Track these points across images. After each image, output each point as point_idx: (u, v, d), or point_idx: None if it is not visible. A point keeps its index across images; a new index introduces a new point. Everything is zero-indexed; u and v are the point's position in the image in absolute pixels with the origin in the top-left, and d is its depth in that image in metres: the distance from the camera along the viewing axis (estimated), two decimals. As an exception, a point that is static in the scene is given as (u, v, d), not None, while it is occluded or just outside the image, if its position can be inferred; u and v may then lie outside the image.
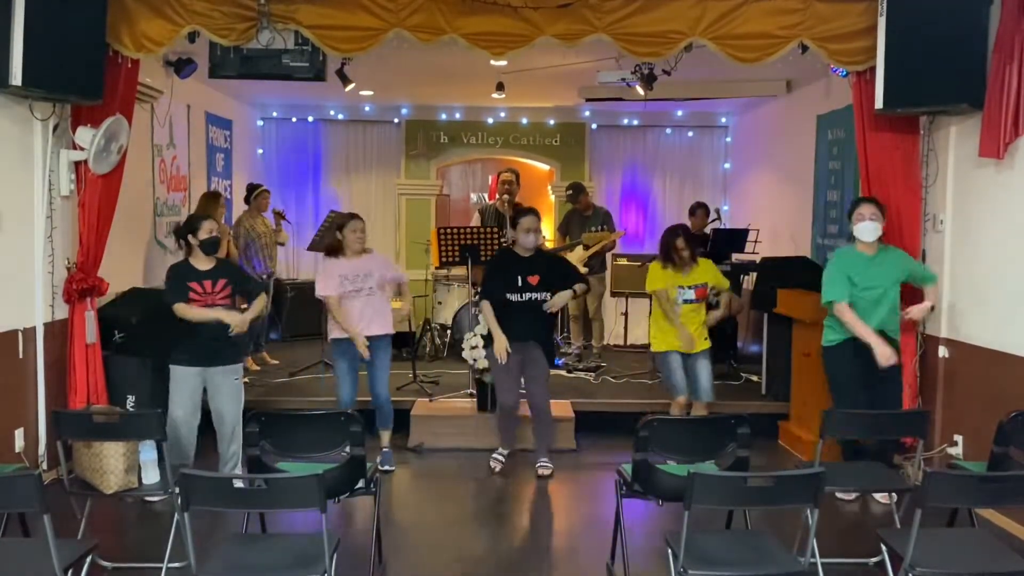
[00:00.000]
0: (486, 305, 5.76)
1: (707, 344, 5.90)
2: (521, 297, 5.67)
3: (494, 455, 6.00)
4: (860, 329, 4.97)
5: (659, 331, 5.90)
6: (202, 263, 5.19)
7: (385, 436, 6.03)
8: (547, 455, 5.91)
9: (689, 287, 5.82)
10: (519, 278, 5.67)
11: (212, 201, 7.47)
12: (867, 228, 5.07)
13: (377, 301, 5.82)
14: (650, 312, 6.23)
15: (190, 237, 5.19)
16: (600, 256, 8.39)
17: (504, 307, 5.71)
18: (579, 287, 5.80)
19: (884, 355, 4.91)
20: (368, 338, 5.72)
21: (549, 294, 5.68)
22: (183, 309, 5.09)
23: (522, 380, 5.86)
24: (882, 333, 4.99)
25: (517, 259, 5.76)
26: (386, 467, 5.89)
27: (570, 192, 8.67)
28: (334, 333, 5.84)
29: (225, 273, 5.24)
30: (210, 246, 5.19)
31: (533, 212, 5.80)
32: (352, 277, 5.74)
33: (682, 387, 5.84)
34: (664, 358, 5.88)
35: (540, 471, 5.82)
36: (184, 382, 5.11)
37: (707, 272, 5.90)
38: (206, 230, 5.17)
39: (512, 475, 5.89)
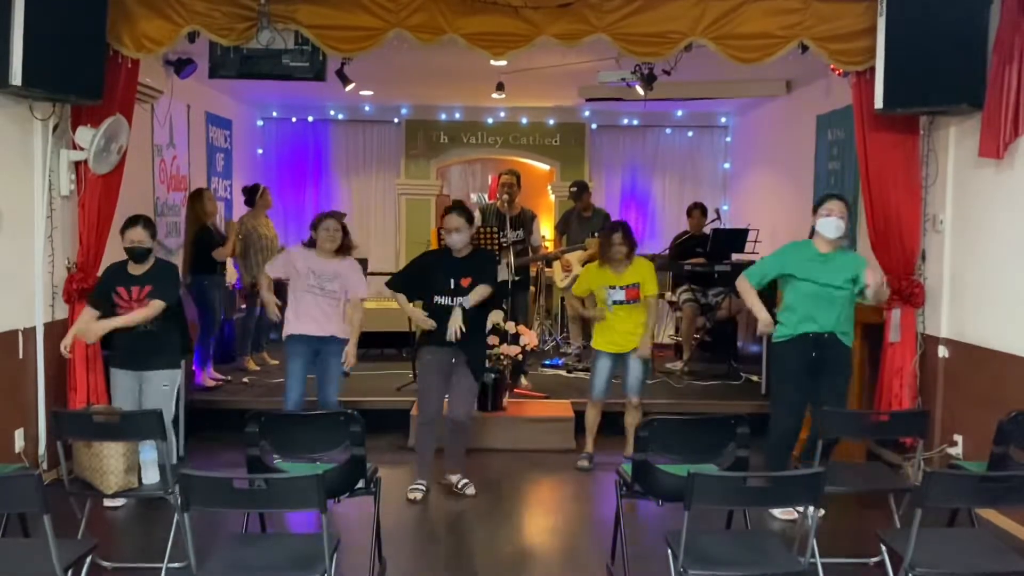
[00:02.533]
0: (400, 296, 5.35)
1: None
2: (451, 301, 5.18)
3: (412, 486, 5.35)
4: (749, 298, 5.07)
5: (598, 329, 5.88)
6: (136, 267, 4.97)
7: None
8: (463, 469, 5.45)
9: (620, 287, 5.69)
10: (450, 280, 5.20)
11: (194, 200, 7.41)
12: (831, 224, 4.87)
13: (337, 304, 5.56)
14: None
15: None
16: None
17: (431, 311, 5.25)
18: (483, 288, 5.19)
19: (765, 322, 4.98)
20: (319, 338, 5.51)
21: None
22: (88, 315, 4.96)
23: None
24: (833, 335, 4.85)
25: (449, 259, 5.27)
26: None
27: (574, 190, 8.65)
28: (288, 329, 5.62)
29: (151, 280, 4.95)
30: (131, 255, 4.95)
31: (456, 209, 5.26)
32: (319, 274, 5.53)
33: (599, 391, 5.87)
34: (594, 356, 5.90)
35: (462, 488, 5.37)
36: (119, 384, 5.01)
37: (640, 272, 5.73)
38: (128, 239, 4.93)
39: (512, 475, 5.89)
